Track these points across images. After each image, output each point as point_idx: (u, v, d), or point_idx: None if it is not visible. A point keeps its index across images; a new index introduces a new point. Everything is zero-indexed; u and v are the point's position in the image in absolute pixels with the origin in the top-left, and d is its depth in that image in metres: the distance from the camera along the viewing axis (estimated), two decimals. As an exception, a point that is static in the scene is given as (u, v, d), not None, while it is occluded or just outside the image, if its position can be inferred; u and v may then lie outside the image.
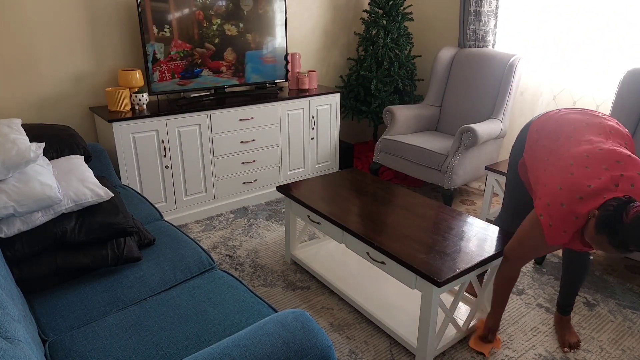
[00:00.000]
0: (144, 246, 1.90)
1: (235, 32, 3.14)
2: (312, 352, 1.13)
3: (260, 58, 3.31)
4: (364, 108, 3.87)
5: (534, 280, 2.52)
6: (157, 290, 1.70)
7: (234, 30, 3.13)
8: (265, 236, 2.97)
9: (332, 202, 2.34)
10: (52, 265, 1.65)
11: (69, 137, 2.26)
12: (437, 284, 1.69)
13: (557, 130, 1.77)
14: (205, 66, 3.09)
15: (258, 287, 2.44)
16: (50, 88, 2.83)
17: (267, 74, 3.39)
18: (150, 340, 1.40)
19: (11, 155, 1.63)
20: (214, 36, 3.06)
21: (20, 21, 2.64)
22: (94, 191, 1.79)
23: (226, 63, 3.17)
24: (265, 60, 3.34)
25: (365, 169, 3.89)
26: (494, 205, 3.44)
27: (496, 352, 1.99)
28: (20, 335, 1.04)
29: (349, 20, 4.09)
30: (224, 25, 3.08)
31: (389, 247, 1.90)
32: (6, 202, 1.56)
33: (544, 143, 1.78)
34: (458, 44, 3.74)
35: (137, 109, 2.87)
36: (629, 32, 2.85)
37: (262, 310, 1.54)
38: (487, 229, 2.06)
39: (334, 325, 2.16)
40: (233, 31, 3.13)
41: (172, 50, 2.92)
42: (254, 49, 3.26)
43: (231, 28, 3.11)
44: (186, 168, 3.02)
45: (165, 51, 2.90)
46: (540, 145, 1.80)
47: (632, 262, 2.72)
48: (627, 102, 2.68)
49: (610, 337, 2.10)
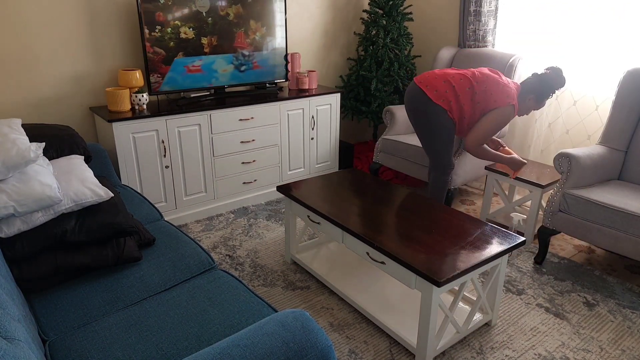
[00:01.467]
0: (144, 246, 1.90)
1: (235, 31, 3.14)
2: (312, 352, 1.13)
3: (259, 58, 3.31)
4: (364, 108, 3.87)
5: (533, 280, 2.52)
6: (157, 290, 1.70)
7: (233, 30, 3.13)
8: (265, 236, 2.97)
9: (332, 202, 2.34)
10: (52, 265, 1.65)
11: (69, 137, 2.26)
12: (437, 284, 1.69)
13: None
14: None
15: (258, 287, 2.44)
16: (50, 88, 2.83)
17: (267, 74, 3.39)
18: (150, 340, 1.40)
19: (11, 155, 1.63)
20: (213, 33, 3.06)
21: (20, 21, 2.64)
22: (94, 191, 1.79)
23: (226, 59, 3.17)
24: (265, 60, 3.34)
25: (365, 169, 3.90)
26: (494, 205, 3.44)
27: (498, 346, 2.00)
28: (20, 335, 1.04)
29: (349, 20, 4.09)
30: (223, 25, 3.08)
31: (389, 247, 1.90)
32: (6, 202, 1.56)
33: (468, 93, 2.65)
34: (458, 44, 3.74)
35: (137, 109, 2.87)
36: (630, 32, 2.85)
37: (262, 310, 1.54)
38: (487, 229, 2.06)
39: (334, 325, 2.16)
40: (233, 30, 3.13)
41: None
42: (254, 48, 3.26)
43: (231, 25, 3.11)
44: (186, 168, 3.02)
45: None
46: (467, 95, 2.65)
47: (632, 262, 2.72)
48: (627, 102, 2.68)
49: (610, 337, 2.10)
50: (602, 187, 2.57)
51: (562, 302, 2.34)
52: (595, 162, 2.58)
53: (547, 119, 3.31)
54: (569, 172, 2.53)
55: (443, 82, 2.64)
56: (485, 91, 2.61)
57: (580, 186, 2.56)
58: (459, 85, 2.62)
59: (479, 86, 2.61)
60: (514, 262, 2.69)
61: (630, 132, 2.70)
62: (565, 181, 2.54)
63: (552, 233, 2.60)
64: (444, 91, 2.62)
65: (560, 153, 2.55)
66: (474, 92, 2.61)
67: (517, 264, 2.67)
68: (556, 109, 3.25)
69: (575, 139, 3.19)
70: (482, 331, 2.13)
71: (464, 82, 2.63)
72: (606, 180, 2.69)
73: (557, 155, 2.56)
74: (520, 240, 1.97)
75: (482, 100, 2.62)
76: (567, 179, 2.53)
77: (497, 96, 2.60)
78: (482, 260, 1.82)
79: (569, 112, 3.18)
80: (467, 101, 2.62)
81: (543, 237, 2.62)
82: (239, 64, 3.23)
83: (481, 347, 2.04)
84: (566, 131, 3.22)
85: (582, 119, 3.12)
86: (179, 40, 2.93)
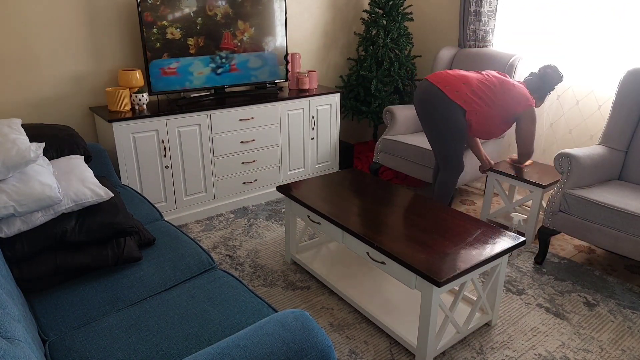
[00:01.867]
0: (144, 246, 1.90)
1: (236, 30, 3.14)
2: (312, 352, 1.13)
3: (260, 58, 3.31)
4: (364, 108, 3.87)
5: (534, 280, 2.52)
6: (157, 290, 1.70)
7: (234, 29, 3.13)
8: (265, 236, 2.97)
9: (332, 202, 2.34)
10: (52, 265, 1.65)
11: (69, 137, 2.26)
12: (437, 284, 1.69)
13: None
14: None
15: (258, 287, 2.44)
16: (50, 88, 2.83)
17: (267, 74, 3.38)
18: (151, 340, 1.40)
19: (11, 155, 1.63)
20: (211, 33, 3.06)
21: (20, 21, 2.64)
22: (94, 191, 1.79)
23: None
24: (244, 62, 3.33)
25: (365, 169, 3.89)
26: (494, 205, 3.44)
27: (498, 346, 2.00)
28: (20, 335, 1.04)
29: (349, 20, 4.09)
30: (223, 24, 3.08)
31: (389, 247, 1.90)
32: (6, 202, 1.56)
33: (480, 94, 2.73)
34: (458, 44, 3.74)
35: (137, 109, 2.87)
36: (630, 32, 2.85)
37: (262, 310, 1.54)
38: (487, 229, 2.06)
39: (334, 325, 2.16)
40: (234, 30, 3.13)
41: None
42: (254, 48, 3.26)
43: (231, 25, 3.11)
44: (186, 168, 3.02)
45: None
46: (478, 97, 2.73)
47: (632, 262, 2.72)
48: (627, 102, 2.68)
49: (610, 337, 2.10)
50: (602, 187, 2.57)
51: (562, 302, 2.34)
52: (595, 162, 2.58)
53: (548, 118, 3.31)
54: (569, 172, 2.53)
55: (463, 84, 2.69)
56: (504, 95, 2.70)
57: (581, 186, 2.56)
58: (479, 89, 2.69)
59: (498, 90, 2.71)
60: (514, 262, 2.69)
61: (630, 132, 2.70)
62: (565, 181, 2.54)
63: (552, 233, 2.60)
64: (465, 93, 2.67)
65: (560, 153, 2.55)
66: (495, 96, 2.70)
67: (517, 264, 2.67)
68: (558, 109, 3.25)
69: (577, 139, 3.19)
70: (482, 331, 2.13)
71: (482, 86, 2.70)
72: (606, 180, 2.69)
73: (557, 156, 2.56)
74: (521, 240, 1.97)
75: (503, 104, 2.70)
76: (567, 179, 2.53)
77: (518, 99, 2.70)
78: (482, 260, 1.82)
79: (572, 112, 3.18)
80: (490, 104, 2.70)
81: (543, 237, 2.62)
82: (215, 66, 3.15)
83: (481, 347, 2.04)
84: (569, 131, 3.22)
85: (585, 118, 3.12)
86: (165, 41, 2.89)
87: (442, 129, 2.73)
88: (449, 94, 2.66)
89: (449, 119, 2.69)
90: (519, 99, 2.70)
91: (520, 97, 2.70)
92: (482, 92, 2.69)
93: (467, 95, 2.67)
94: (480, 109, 2.69)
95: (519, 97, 2.70)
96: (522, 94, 2.71)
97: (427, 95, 2.74)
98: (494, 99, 2.69)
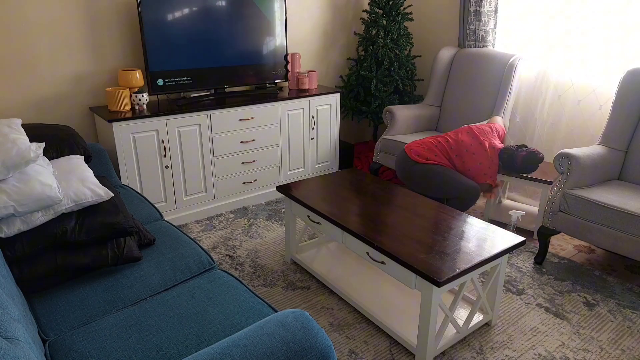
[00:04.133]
0: (144, 246, 1.90)
1: (236, 31, 3.14)
2: (312, 352, 1.13)
3: (260, 57, 3.31)
4: (364, 108, 3.87)
5: (533, 280, 2.52)
6: (157, 290, 1.70)
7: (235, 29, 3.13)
8: (265, 236, 2.97)
9: (332, 202, 2.34)
10: (52, 265, 1.65)
11: (69, 137, 2.27)
12: (437, 284, 1.69)
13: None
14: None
15: (258, 287, 2.44)
16: (50, 88, 2.83)
17: (267, 74, 3.39)
18: (150, 340, 1.40)
19: (11, 155, 1.63)
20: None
21: (20, 21, 2.64)
22: (94, 191, 1.79)
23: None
24: (265, 59, 3.34)
25: (365, 169, 3.90)
26: (494, 205, 3.44)
27: (497, 346, 2.00)
28: (20, 335, 1.04)
29: (348, 20, 4.09)
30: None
31: (389, 247, 1.90)
32: (6, 202, 1.56)
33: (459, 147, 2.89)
34: (458, 44, 3.74)
35: (137, 109, 2.87)
36: (631, 31, 2.85)
37: (262, 310, 1.54)
38: (487, 229, 2.06)
39: (334, 325, 2.16)
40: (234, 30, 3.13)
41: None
42: (254, 49, 3.26)
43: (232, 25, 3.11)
44: (186, 168, 3.02)
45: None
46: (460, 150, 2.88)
47: (632, 262, 2.72)
48: (627, 102, 2.68)
49: (610, 337, 2.10)
50: (602, 187, 2.57)
51: (562, 302, 2.34)
52: (595, 162, 2.58)
53: (549, 118, 3.31)
54: (569, 172, 2.53)
55: (435, 145, 2.88)
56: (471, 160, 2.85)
57: (580, 186, 2.56)
58: (450, 150, 2.87)
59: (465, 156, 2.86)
60: (514, 262, 2.69)
61: (630, 132, 2.70)
62: (565, 181, 2.54)
63: (552, 233, 2.60)
64: (434, 155, 2.85)
65: (560, 153, 2.55)
66: (474, 150, 2.85)
67: (517, 264, 2.67)
68: (559, 109, 3.25)
69: (579, 138, 3.19)
70: (482, 331, 2.13)
71: (456, 146, 2.86)
72: (606, 180, 2.69)
73: (557, 155, 2.56)
74: (520, 240, 1.97)
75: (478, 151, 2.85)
76: (567, 179, 2.53)
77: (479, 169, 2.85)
78: (482, 260, 1.82)
79: (573, 112, 3.18)
80: (466, 157, 2.84)
81: (543, 237, 2.62)
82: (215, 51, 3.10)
83: (481, 347, 2.04)
84: (570, 130, 3.22)
85: (586, 118, 3.12)
86: (165, 41, 2.90)
87: (433, 185, 2.81)
88: (419, 160, 2.84)
89: (427, 175, 2.82)
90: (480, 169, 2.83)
91: (481, 167, 2.82)
92: (457, 151, 2.86)
93: (436, 157, 2.85)
94: (457, 162, 2.86)
95: (480, 168, 2.82)
96: (482, 167, 2.82)
97: (401, 167, 2.95)
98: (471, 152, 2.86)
